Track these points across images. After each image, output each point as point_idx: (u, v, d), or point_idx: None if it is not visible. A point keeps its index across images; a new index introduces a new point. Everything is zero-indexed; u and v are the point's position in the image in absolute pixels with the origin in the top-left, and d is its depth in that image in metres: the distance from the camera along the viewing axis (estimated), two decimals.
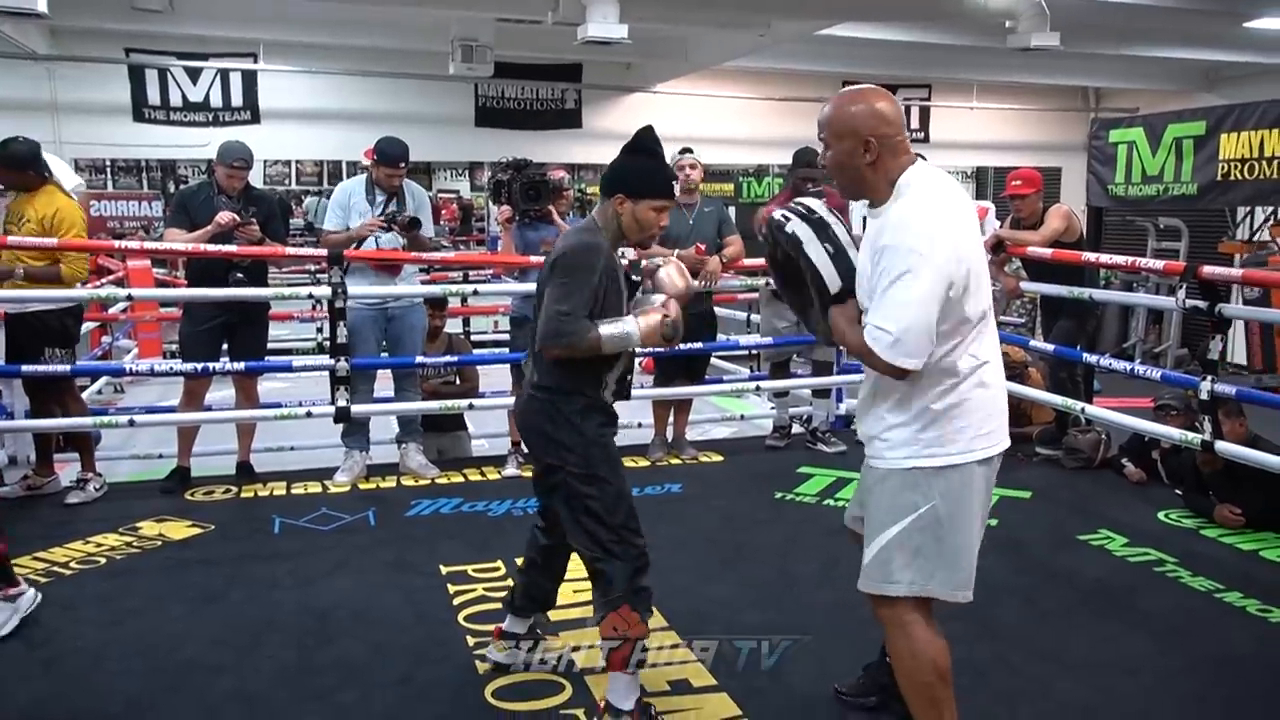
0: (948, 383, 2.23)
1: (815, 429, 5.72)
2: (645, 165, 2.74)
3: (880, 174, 2.23)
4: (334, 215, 5.03)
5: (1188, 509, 4.55)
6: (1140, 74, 11.82)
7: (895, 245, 2.14)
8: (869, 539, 2.34)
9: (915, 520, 2.26)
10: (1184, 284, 4.52)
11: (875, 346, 2.15)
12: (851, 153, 2.23)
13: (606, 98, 11.72)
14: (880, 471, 2.32)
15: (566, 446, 2.66)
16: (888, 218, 2.21)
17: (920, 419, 2.25)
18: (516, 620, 3.04)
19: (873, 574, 2.33)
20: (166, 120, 10.37)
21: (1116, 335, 10.04)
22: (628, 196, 2.68)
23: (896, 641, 2.34)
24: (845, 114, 2.24)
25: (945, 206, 2.20)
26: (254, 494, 4.83)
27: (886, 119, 2.23)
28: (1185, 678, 3.04)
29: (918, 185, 2.21)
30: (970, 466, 2.26)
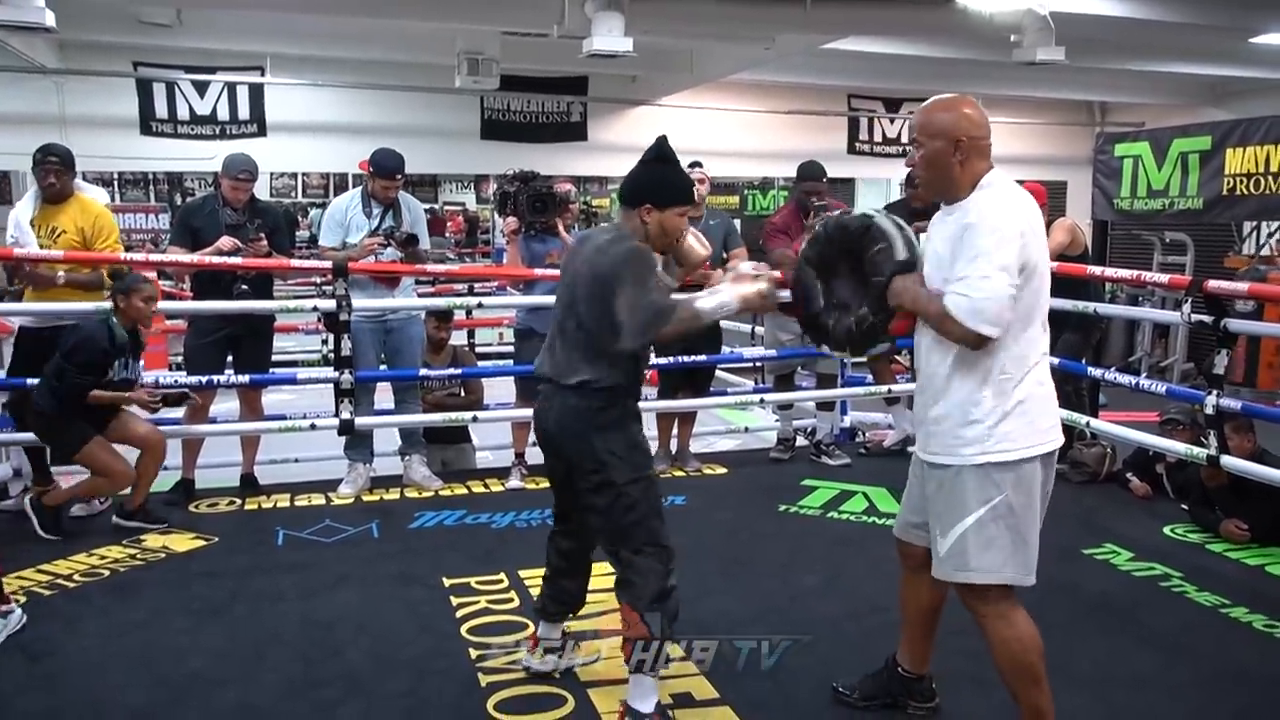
0: (1017, 377, 2.41)
1: (819, 441, 5.71)
2: (668, 174, 2.79)
3: (966, 174, 2.45)
4: (331, 232, 5.04)
5: (1194, 524, 4.54)
6: (1145, 88, 11.82)
7: (980, 224, 2.35)
8: (943, 532, 2.50)
9: (989, 511, 2.42)
10: (1189, 298, 4.51)
11: (958, 312, 2.33)
12: (943, 152, 2.45)
13: (612, 110, 11.74)
14: (952, 469, 2.47)
15: (613, 452, 2.69)
16: (973, 204, 2.41)
17: (992, 416, 2.41)
18: (550, 626, 3.06)
19: (950, 563, 2.50)
20: (174, 133, 10.41)
21: (1122, 349, 10.02)
22: (655, 206, 2.72)
23: (999, 630, 2.49)
24: (939, 117, 2.48)
25: (1026, 202, 2.45)
26: (258, 506, 4.83)
27: (976, 124, 2.47)
28: (1192, 692, 3.03)
29: (1000, 183, 2.46)
30: (1035, 461, 2.45)
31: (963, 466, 2.44)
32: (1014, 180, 2.51)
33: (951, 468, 2.46)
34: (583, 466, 2.72)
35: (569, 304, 2.76)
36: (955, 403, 2.45)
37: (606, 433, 2.69)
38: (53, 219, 4.52)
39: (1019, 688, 2.50)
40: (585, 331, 2.70)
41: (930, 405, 2.52)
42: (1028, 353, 2.42)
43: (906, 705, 2.84)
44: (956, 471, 2.45)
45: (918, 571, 2.71)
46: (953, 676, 2.95)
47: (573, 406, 2.71)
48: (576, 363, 2.71)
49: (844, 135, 12.82)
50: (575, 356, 2.71)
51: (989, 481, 2.42)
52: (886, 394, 5.84)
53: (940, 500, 2.51)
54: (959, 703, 2.89)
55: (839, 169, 11.76)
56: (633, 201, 2.75)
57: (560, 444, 2.78)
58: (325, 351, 8.76)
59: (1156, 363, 9.81)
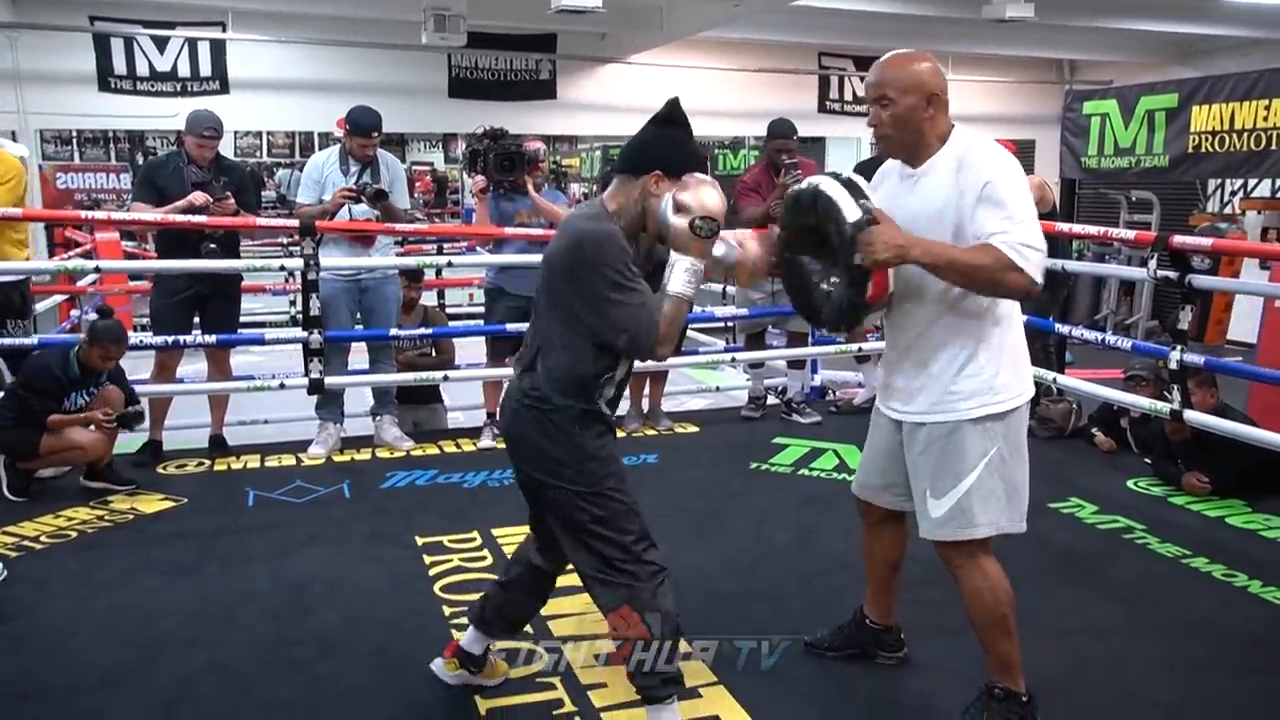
0: (1010, 328, 2.42)
1: (790, 400, 5.75)
2: (682, 139, 2.39)
3: (933, 131, 2.39)
4: (308, 189, 4.97)
5: (1156, 477, 4.62)
6: (1114, 46, 11.87)
7: (1000, 178, 2.28)
8: (938, 493, 2.44)
9: (988, 465, 2.41)
10: (1155, 254, 4.55)
11: (1018, 257, 2.22)
12: (915, 108, 2.36)
13: (581, 68, 11.63)
14: (947, 426, 2.42)
15: (560, 461, 2.35)
16: (971, 161, 2.33)
17: (989, 368, 2.39)
18: (478, 637, 2.69)
19: (950, 523, 2.44)
20: (133, 90, 10.20)
21: (1089, 307, 10.13)
22: (665, 174, 2.32)
23: (974, 580, 2.47)
24: (911, 71, 2.37)
25: None
26: (227, 467, 4.80)
27: (942, 78, 2.40)
28: (1153, 641, 3.09)
29: (977, 137, 2.40)
30: (1023, 408, 2.46)
31: (960, 421, 2.40)
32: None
33: (947, 424, 2.42)
34: (530, 475, 2.42)
35: (538, 297, 2.41)
36: (949, 359, 2.40)
37: (553, 442, 2.35)
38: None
39: (990, 638, 2.50)
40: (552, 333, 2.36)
41: (917, 365, 2.45)
42: (1011, 306, 2.43)
43: (876, 655, 2.89)
44: (953, 428, 2.41)
45: (879, 526, 2.74)
46: (921, 627, 3.00)
47: (520, 407, 2.39)
48: (541, 367, 2.37)
49: (814, 94, 12.79)
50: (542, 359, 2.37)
51: (986, 435, 2.40)
52: (857, 352, 5.88)
53: (932, 460, 2.45)
54: (929, 652, 2.94)
55: (810, 127, 11.74)
56: (637, 168, 2.35)
57: (513, 448, 2.46)
58: (294, 312, 8.69)
59: (1122, 320, 9.92)
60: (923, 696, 2.75)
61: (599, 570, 2.35)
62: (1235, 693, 2.81)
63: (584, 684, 2.76)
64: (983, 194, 2.29)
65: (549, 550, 2.56)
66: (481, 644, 2.70)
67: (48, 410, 4.25)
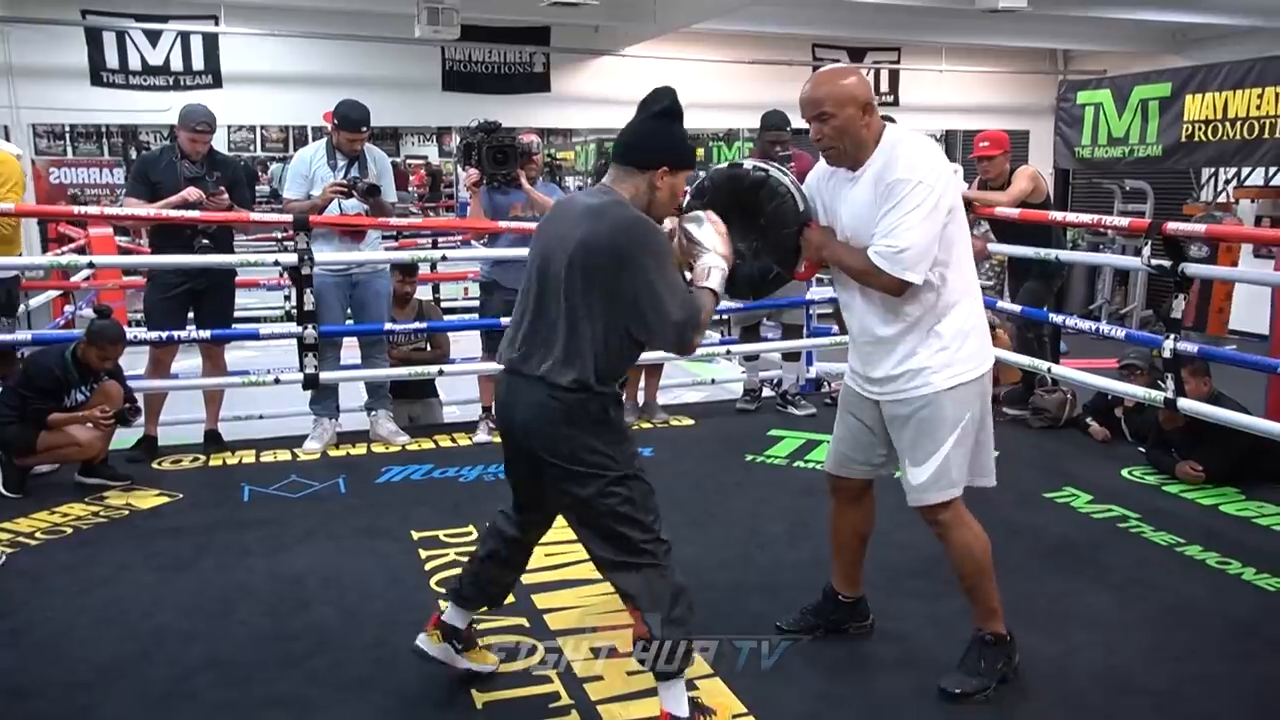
0: (968, 303, 2.62)
1: (785, 392, 5.76)
2: (682, 134, 2.47)
3: (869, 135, 2.57)
4: (295, 183, 4.96)
5: (1151, 466, 4.63)
6: (1107, 36, 11.85)
7: (905, 178, 2.47)
8: (918, 460, 2.63)
9: (963, 429, 2.61)
10: (1149, 242, 4.56)
11: (881, 261, 2.48)
12: (853, 118, 2.54)
13: (575, 61, 11.60)
14: (922, 398, 2.60)
15: (602, 451, 2.34)
16: (893, 159, 2.52)
17: (957, 339, 2.59)
18: (458, 612, 2.69)
19: (934, 486, 2.63)
20: (126, 84, 10.16)
21: (1083, 297, 10.15)
22: (671, 169, 2.40)
23: (960, 535, 2.66)
24: (841, 86, 2.56)
25: (937, 150, 2.62)
26: (223, 462, 4.80)
27: (869, 87, 2.64)
28: (1146, 629, 3.11)
29: (905, 136, 2.60)
30: (987, 374, 2.67)
31: (937, 393, 2.58)
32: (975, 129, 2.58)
33: (923, 396, 2.59)
34: (565, 470, 2.36)
35: (554, 283, 2.35)
36: (916, 342, 2.59)
37: (596, 432, 2.35)
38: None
39: (977, 586, 2.69)
40: (585, 321, 2.32)
41: (887, 348, 2.63)
42: (966, 283, 2.63)
43: (848, 628, 3.01)
44: (929, 400, 2.59)
45: (852, 502, 2.91)
46: (912, 617, 3.01)
47: (550, 401, 2.34)
48: (570, 356, 2.33)
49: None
50: (569, 347, 2.33)
51: (960, 401, 2.60)
52: None
53: (912, 431, 2.63)
54: (920, 644, 2.95)
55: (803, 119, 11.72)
56: (644, 162, 2.38)
57: (541, 444, 2.38)
58: (289, 308, 8.68)
59: (1117, 310, 9.95)
60: (917, 688, 2.75)
61: (622, 555, 2.37)
62: (1228, 680, 2.82)
63: (580, 677, 2.77)
64: (888, 197, 2.49)
65: (530, 526, 2.63)
66: (464, 618, 2.71)
67: (47, 408, 4.26)
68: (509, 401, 2.46)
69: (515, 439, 2.47)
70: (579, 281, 2.32)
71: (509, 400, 2.46)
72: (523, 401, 2.40)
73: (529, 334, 2.41)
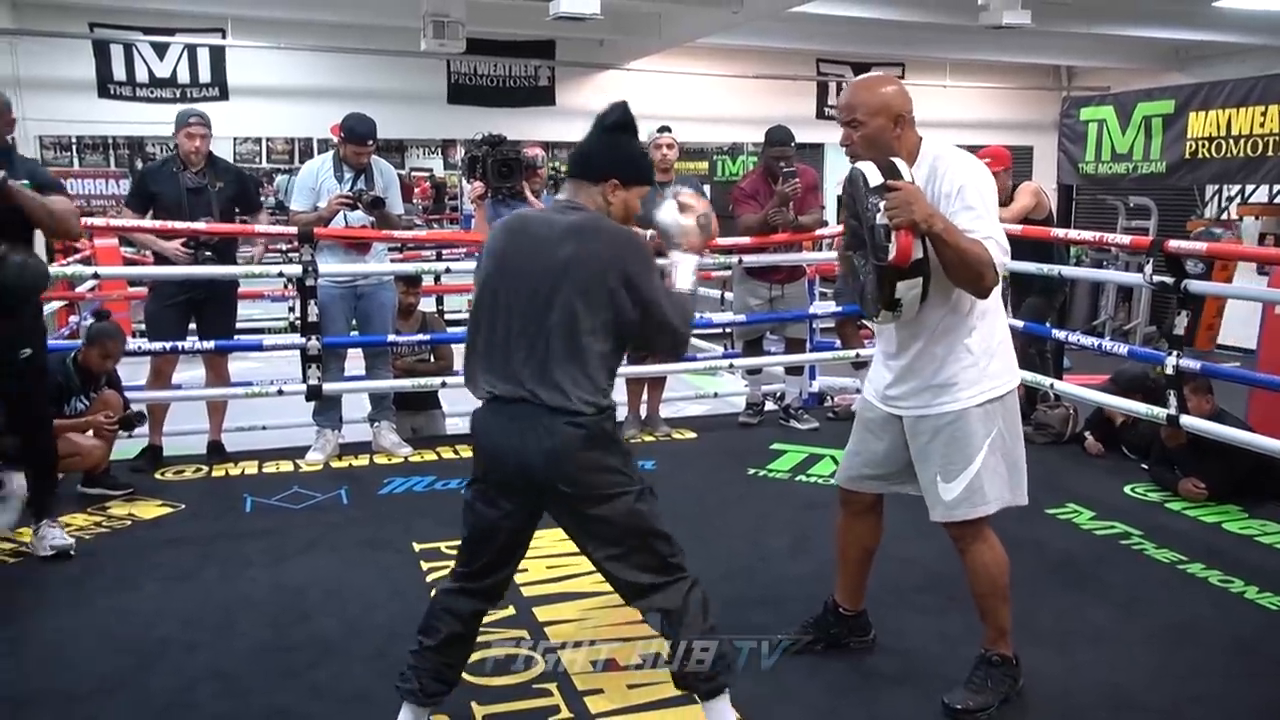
0: (994, 319, 2.62)
1: (788, 406, 5.76)
2: (635, 148, 2.45)
3: (903, 147, 2.52)
4: (302, 196, 4.99)
5: (1153, 483, 4.62)
6: (1111, 52, 11.89)
7: (970, 183, 2.47)
8: (948, 477, 2.61)
9: (991, 445, 2.60)
10: (1151, 259, 4.56)
11: (1000, 257, 2.45)
12: (884, 129, 2.51)
13: (580, 75, 11.66)
14: (951, 414, 2.59)
15: (616, 468, 2.28)
16: (936, 170, 2.50)
17: (986, 355, 2.59)
18: (418, 713, 2.42)
19: (965, 502, 2.61)
20: (133, 96, 10.22)
21: (1086, 314, 10.15)
22: (622, 183, 2.35)
23: (982, 555, 2.66)
24: (877, 94, 2.54)
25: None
26: (225, 473, 4.80)
27: (907, 98, 2.57)
28: (1148, 646, 3.10)
29: (947, 148, 2.57)
30: (1015, 392, 2.67)
31: (966, 409, 2.58)
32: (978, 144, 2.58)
33: (951, 412, 2.59)
34: (587, 499, 2.26)
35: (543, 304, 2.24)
36: (945, 355, 2.58)
37: (611, 452, 2.28)
38: None
39: (992, 606, 2.69)
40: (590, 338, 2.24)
41: (916, 363, 2.61)
42: (994, 299, 2.61)
43: (848, 642, 3.00)
44: (958, 415, 2.58)
45: (861, 517, 2.90)
46: (919, 633, 3.01)
47: (570, 430, 2.22)
48: (579, 378, 2.23)
49: (813, 100, 12.82)
50: (575, 370, 2.23)
51: (989, 417, 2.60)
52: (854, 359, 5.89)
53: (940, 447, 2.62)
54: (929, 660, 2.95)
55: (807, 134, 11.74)
56: (594, 175, 2.36)
57: (563, 476, 2.24)
58: (292, 319, 8.70)
59: (1120, 326, 9.94)
60: (921, 704, 2.75)
61: (655, 573, 2.32)
62: (1230, 699, 2.81)
63: (580, 689, 2.77)
64: (958, 198, 2.46)
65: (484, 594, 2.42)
66: (425, 716, 2.45)
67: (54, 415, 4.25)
68: (508, 438, 2.27)
69: (527, 478, 2.26)
70: (576, 299, 2.22)
71: (508, 437, 2.27)
72: (532, 434, 2.23)
73: (513, 359, 2.26)
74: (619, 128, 2.40)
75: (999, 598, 2.68)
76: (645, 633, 2.95)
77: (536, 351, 2.25)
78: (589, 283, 2.23)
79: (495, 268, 2.34)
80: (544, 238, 2.29)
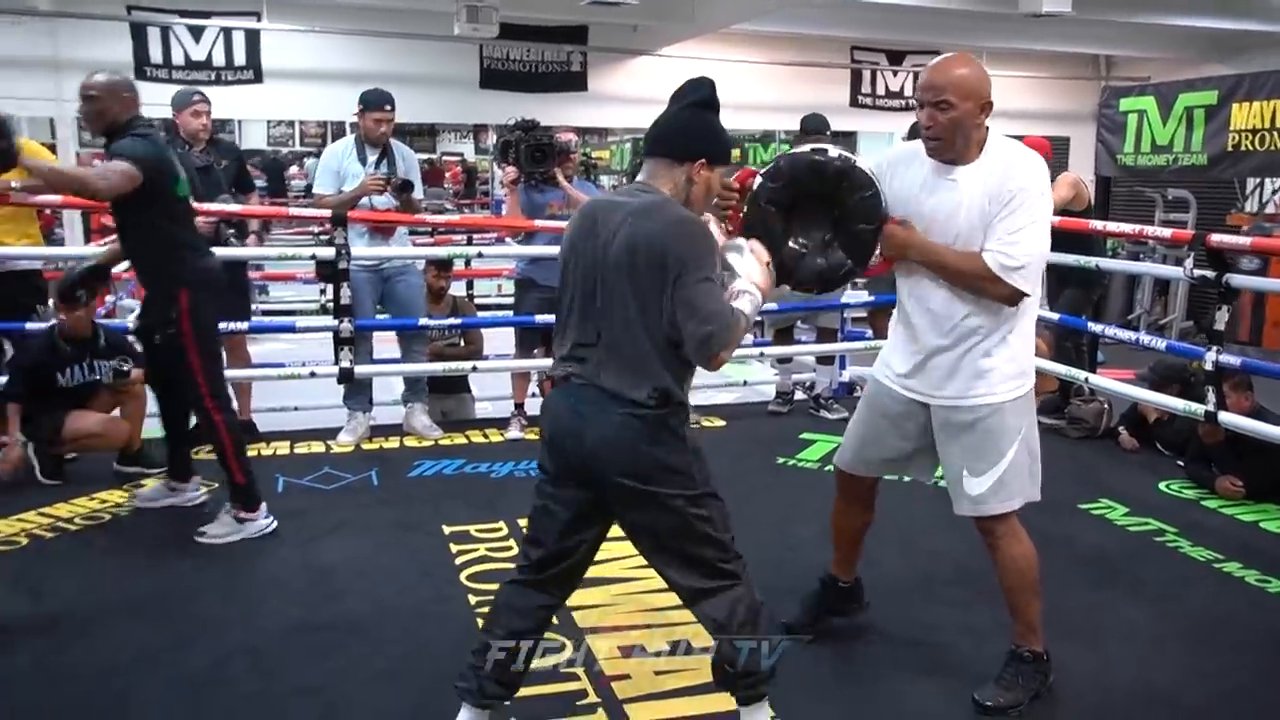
0: (1033, 314, 2.63)
1: (818, 395, 5.73)
2: (721, 126, 2.31)
3: (979, 136, 2.50)
4: (325, 179, 5.02)
5: (1189, 480, 4.56)
6: (1152, 42, 11.69)
7: (1028, 188, 2.45)
8: (977, 471, 2.59)
9: (1021, 441, 2.60)
10: (1191, 253, 4.49)
11: (1001, 270, 2.44)
12: (972, 113, 2.45)
13: (613, 60, 11.60)
14: (989, 406, 2.57)
15: (680, 470, 2.20)
16: (1009, 166, 2.48)
17: (1022, 352, 2.60)
18: (478, 715, 2.35)
19: (994, 497, 2.61)
20: (169, 79, 10.26)
21: (1122, 307, 10.01)
22: (710, 162, 2.25)
23: (1011, 549, 2.64)
24: (973, 77, 2.47)
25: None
26: (257, 453, 4.83)
27: (991, 86, 2.51)
28: (1181, 644, 3.06)
29: (1013, 145, 2.55)
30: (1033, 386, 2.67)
31: (1003, 403, 2.57)
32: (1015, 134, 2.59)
33: (989, 405, 2.57)
34: (640, 493, 2.19)
35: (606, 288, 2.18)
36: (987, 344, 2.56)
37: (672, 450, 2.20)
38: None
39: (1023, 600, 2.67)
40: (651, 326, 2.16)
41: (954, 351, 2.58)
42: (1037, 296, 2.63)
43: (849, 612, 3.06)
44: (996, 408, 2.57)
45: (859, 499, 2.92)
46: (944, 626, 2.98)
47: (626, 420, 2.16)
48: (641, 367, 2.16)
49: (847, 88, 12.68)
50: (637, 358, 2.16)
51: (1019, 412, 2.60)
52: None
53: (973, 439, 2.60)
54: (954, 653, 2.93)
55: (842, 122, 11.65)
56: (681, 154, 2.24)
57: (614, 467, 2.18)
58: (323, 301, 8.75)
59: (1156, 320, 9.80)
60: (950, 698, 2.73)
61: (704, 578, 2.26)
62: (1266, 696, 2.78)
63: (608, 675, 2.77)
64: (1009, 204, 2.45)
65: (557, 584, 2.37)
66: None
67: (48, 388, 4.26)
68: (573, 424, 2.21)
69: (583, 463, 2.21)
70: (636, 284, 2.15)
71: (573, 423, 2.21)
72: (592, 420, 2.18)
73: (581, 344, 2.22)
74: (705, 104, 2.29)
75: (1029, 592, 2.66)
76: (673, 619, 2.96)
77: (601, 337, 2.20)
78: (646, 267, 2.14)
79: (569, 251, 2.30)
80: (611, 222, 2.21)
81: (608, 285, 2.19)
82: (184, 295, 3.59)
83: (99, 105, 3.64)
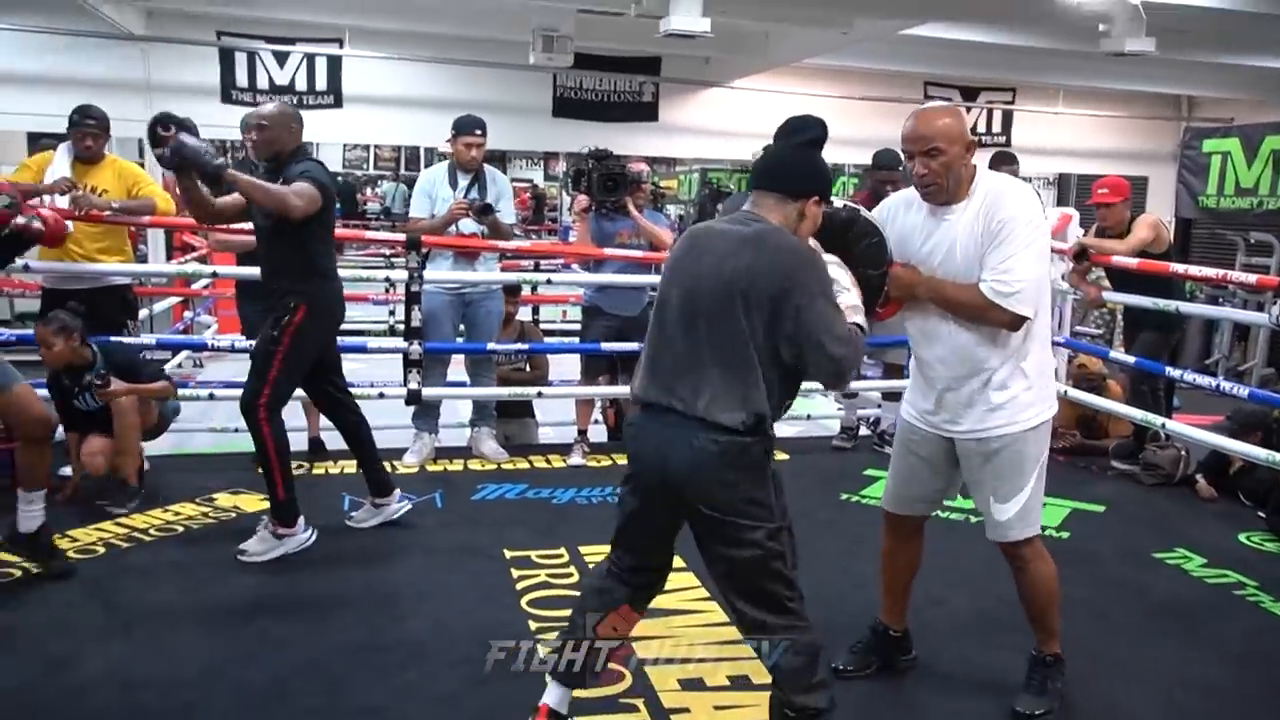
0: (1045, 343, 2.71)
1: (883, 431, 5.66)
2: (826, 165, 2.45)
3: (968, 174, 2.64)
4: (419, 203, 5.12)
5: (1271, 532, 4.41)
6: (1236, 83, 11.42)
7: (1016, 217, 2.56)
8: (1003, 498, 2.70)
9: (1040, 468, 2.71)
10: (1278, 300, 4.37)
11: (999, 297, 2.55)
12: (960, 157, 2.60)
13: (684, 91, 11.68)
14: (1009, 435, 2.66)
15: (761, 502, 2.22)
16: (996, 198, 2.59)
17: (1038, 380, 2.69)
18: (566, 694, 2.48)
19: (1019, 523, 2.71)
20: (253, 102, 10.56)
21: (1198, 351, 9.75)
22: (823, 198, 2.36)
23: (1039, 570, 2.76)
24: (954, 124, 2.63)
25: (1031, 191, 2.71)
26: (325, 471, 4.92)
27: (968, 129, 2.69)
28: (1262, 703, 2.95)
29: (1000, 178, 2.68)
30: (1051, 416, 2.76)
31: (1024, 431, 2.66)
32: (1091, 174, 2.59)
33: (1010, 434, 2.66)
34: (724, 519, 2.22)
35: (707, 316, 2.22)
36: (1006, 377, 2.65)
37: (756, 482, 2.23)
38: (92, 178, 4.69)
39: (1048, 614, 2.80)
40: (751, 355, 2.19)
41: (971, 384, 2.68)
42: (1044, 324, 2.72)
43: (896, 662, 3.05)
44: (1016, 437, 2.66)
45: (907, 539, 2.98)
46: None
47: (710, 445, 2.18)
48: (729, 394, 2.19)
49: None
50: (727, 385, 2.19)
51: (1039, 440, 2.70)
52: None
53: (997, 468, 2.69)
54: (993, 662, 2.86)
55: None
56: (793, 190, 2.31)
57: (695, 493, 2.22)
58: (394, 322, 8.89)
59: (1234, 366, 9.53)
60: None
61: (770, 613, 2.27)
62: None
63: (667, 707, 2.75)
64: (998, 235, 2.57)
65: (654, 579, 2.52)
66: (568, 700, 2.50)
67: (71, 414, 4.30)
68: (656, 446, 2.26)
69: (665, 487, 2.26)
70: (743, 313, 2.18)
71: (656, 445, 2.26)
72: (677, 445, 2.21)
73: (674, 369, 2.25)
74: (816, 143, 2.40)
75: (1053, 602, 2.80)
76: (734, 654, 2.94)
77: (692, 362, 2.23)
78: (754, 295, 2.17)
79: (670, 275, 2.35)
80: (718, 248, 2.26)
81: (714, 311, 2.22)
82: (302, 310, 3.72)
83: (270, 134, 3.79)
